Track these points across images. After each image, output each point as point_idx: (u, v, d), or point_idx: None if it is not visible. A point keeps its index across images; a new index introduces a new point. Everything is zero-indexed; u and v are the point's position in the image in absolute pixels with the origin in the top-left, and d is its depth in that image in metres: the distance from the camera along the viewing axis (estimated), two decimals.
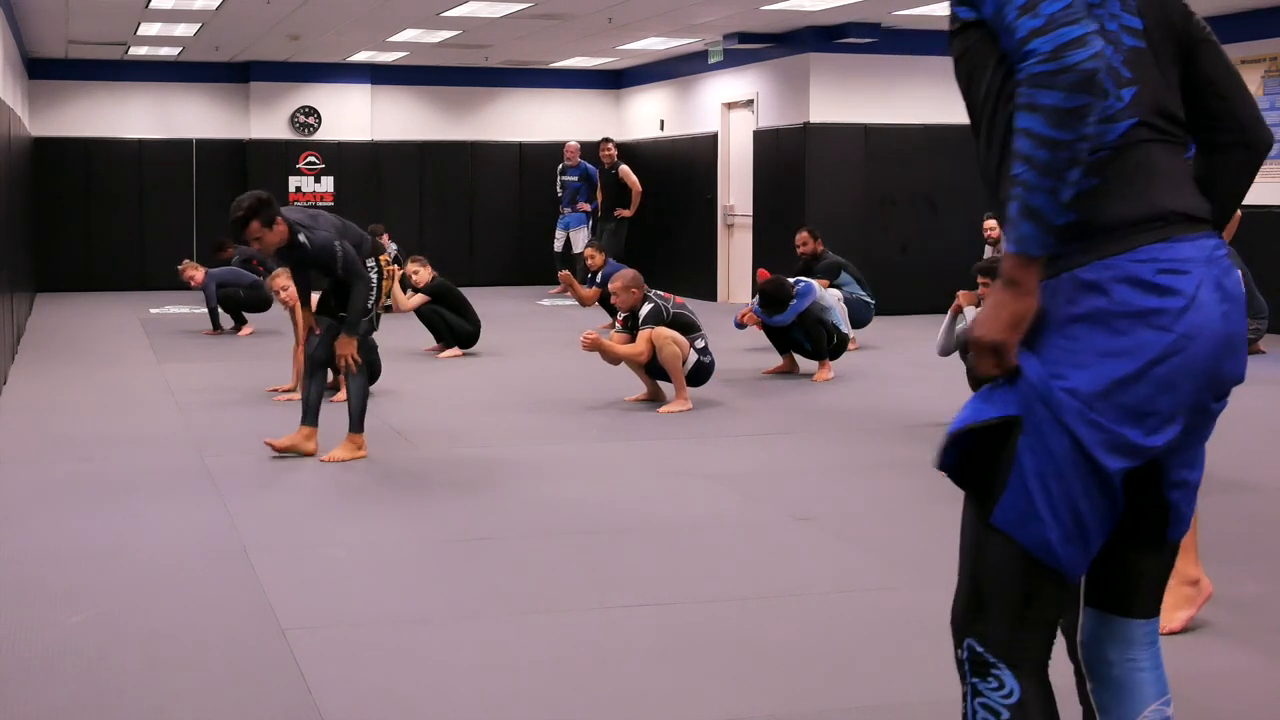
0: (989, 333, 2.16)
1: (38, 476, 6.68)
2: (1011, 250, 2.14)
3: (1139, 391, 2.15)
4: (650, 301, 8.65)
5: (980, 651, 2.30)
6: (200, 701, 3.75)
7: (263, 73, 18.23)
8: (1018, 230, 2.12)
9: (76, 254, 17.89)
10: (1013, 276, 2.14)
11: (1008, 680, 2.26)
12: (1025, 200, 2.11)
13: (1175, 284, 2.15)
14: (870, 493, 6.43)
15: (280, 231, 6.64)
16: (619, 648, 4.22)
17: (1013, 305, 2.15)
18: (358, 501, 6.20)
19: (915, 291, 14.58)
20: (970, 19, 2.28)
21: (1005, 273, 2.15)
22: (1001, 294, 2.16)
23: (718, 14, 13.82)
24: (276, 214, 6.63)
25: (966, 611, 2.33)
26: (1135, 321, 2.14)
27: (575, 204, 17.12)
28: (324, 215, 6.96)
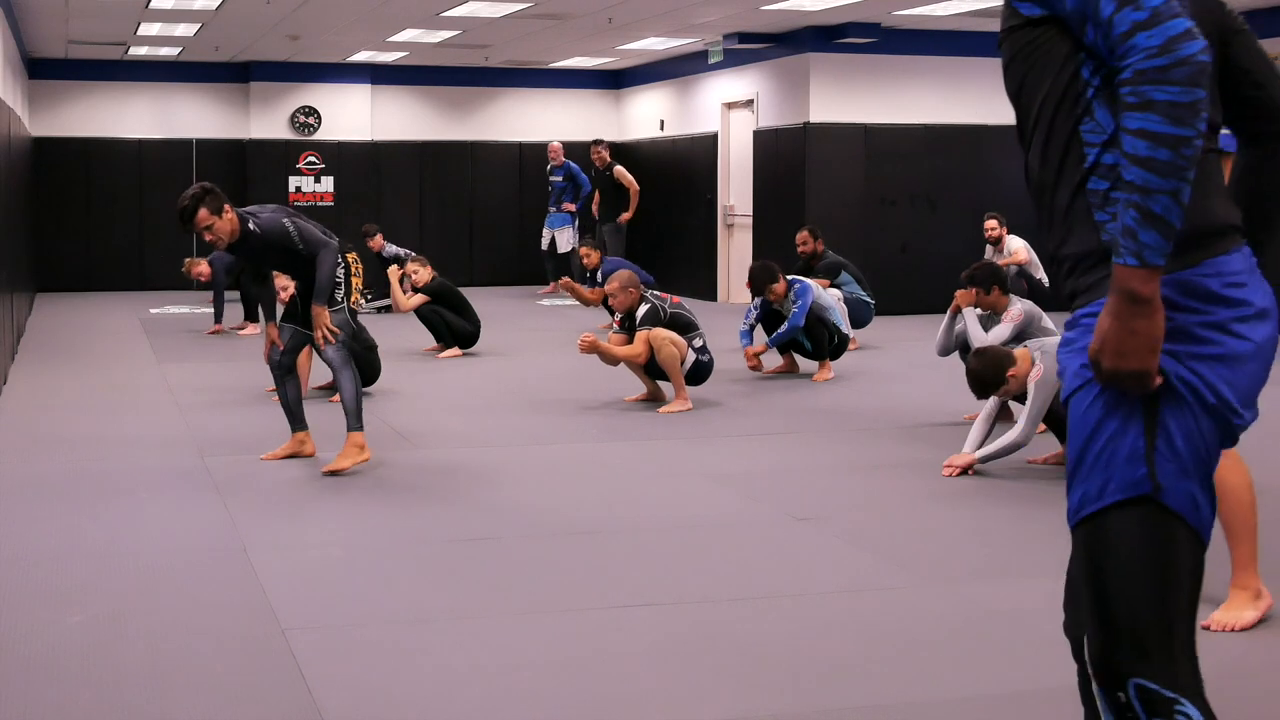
0: (1128, 363, 2.04)
1: (38, 476, 6.68)
2: (1132, 264, 2.00)
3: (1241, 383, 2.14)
4: (647, 302, 8.66)
5: (1154, 689, 2.11)
6: (200, 701, 3.75)
7: (263, 73, 18.23)
8: (1138, 240, 2.00)
9: (76, 254, 17.89)
10: (1139, 292, 2.01)
11: (1193, 713, 2.11)
12: (1145, 205, 1.99)
13: (1242, 295, 2.14)
14: (870, 493, 6.43)
15: (230, 219, 6.56)
16: (619, 648, 4.22)
17: (1145, 326, 2.02)
18: (358, 501, 6.20)
19: (915, 291, 14.59)
20: (1036, 15, 2.18)
21: (1128, 290, 2.01)
22: (1128, 315, 2.02)
23: (718, 14, 13.82)
24: (224, 203, 6.57)
25: (1127, 650, 2.14)
26: (1217, 332, 2.12)
27: (560, 204, 17.10)
28: (275, 206, 6.86)
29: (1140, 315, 2.02)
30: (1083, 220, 2.16)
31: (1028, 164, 2.25)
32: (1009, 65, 2.25)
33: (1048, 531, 5.64)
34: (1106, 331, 2.05)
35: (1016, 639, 4.29)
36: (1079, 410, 2.18)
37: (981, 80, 15.12)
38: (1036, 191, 2.24)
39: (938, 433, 7.80)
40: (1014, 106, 2.28)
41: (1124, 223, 2.01)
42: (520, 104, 19.31)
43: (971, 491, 6.36)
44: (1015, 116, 2.30)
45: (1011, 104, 2.29)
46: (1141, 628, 2.12)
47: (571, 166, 17.09)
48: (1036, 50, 2.19)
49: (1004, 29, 2.25)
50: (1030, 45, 2.20)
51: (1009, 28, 2.23)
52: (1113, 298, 2.04)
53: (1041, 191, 2.22)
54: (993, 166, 15.09)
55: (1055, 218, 2.18)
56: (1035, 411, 6.32)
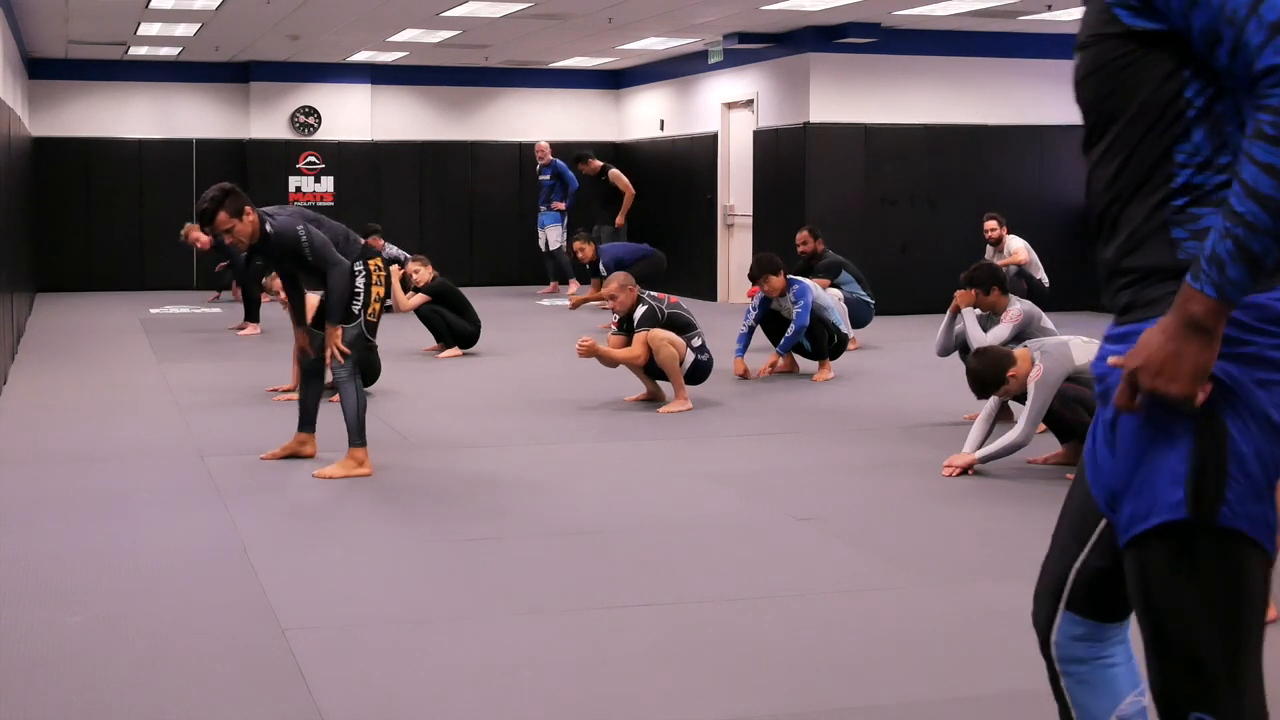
0: (1169, 386, 1.97)
1: (37, 476, 6.68)
2: (1210, 294, 1.92)
3: None
4: (645, 303, 8.66)
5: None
6: (200, 701, 3.75)
7: (263, 73, 18.23)
8: (1225, 273, 1.91)
9: (76, 254, 17.89)
10: (1204, 323, 1.94)
11: None
12: (1245, 241, 1.90)
13: None
14: (870, 493, 6.43)
15: (250, 221, 6.49)
16: (619, 648, 4.22)
17: (1198, 356, 1.95)
18: (358, 502, 6.20)
19: (915, 291, 14.59)
20: (1140, 28, 2.07)
21: (1194, 317, 1.94)
22: (1183, 339, 1.95)
23: (718, 14, 13.82)
24: (245, 204, 6.49)
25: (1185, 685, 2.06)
26: None
27: (550, 202, 17.09)
28: (294, 209, 6.73)
29: (1198, 343, 1.95)
30: (1158, 235, 2.08)
31: (1096, 171, 2.15)
32: (1093, 73, 2.13)
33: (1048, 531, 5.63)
34: (1154, 349, 1.97)
35: (1017, 639, 4.27)
36: (1132, 426, 2.09)
37: (981, 80, 15.13)
38: (1106, 200, 2.15)
39: (938, 433, 7.80)
40: (1085, 111, 2.18)
41: (1214, 249, 1.92)
42: (520, 104, 19.31)
43: (971, 491, 6.36)
44: (1085, 121, 2.19)
45: (1081, 108, 2.19)
46: (1206, 661, 2.05)
47: (559, 165, 17.07)
48: (1133, 64, 2.08)
49: (1092, 34, 2.13)
50: (1125, 57, 2.09)
51: (1100, 34, 2.11)
52: (1173, 318, 1.96)
53: (1112, 201, 2.13)
54: (993, 166, 15.09)
55: (1123, 229, 2.10)
56: (1035, 412, 6.32)
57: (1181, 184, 2.06)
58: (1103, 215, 2.15)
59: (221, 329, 13.23)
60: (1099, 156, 2.15)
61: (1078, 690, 2.35)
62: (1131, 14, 2.06)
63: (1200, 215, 2.05)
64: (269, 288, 12.47)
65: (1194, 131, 2.06)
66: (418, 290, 11.25)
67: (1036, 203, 15.10)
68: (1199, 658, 2.05)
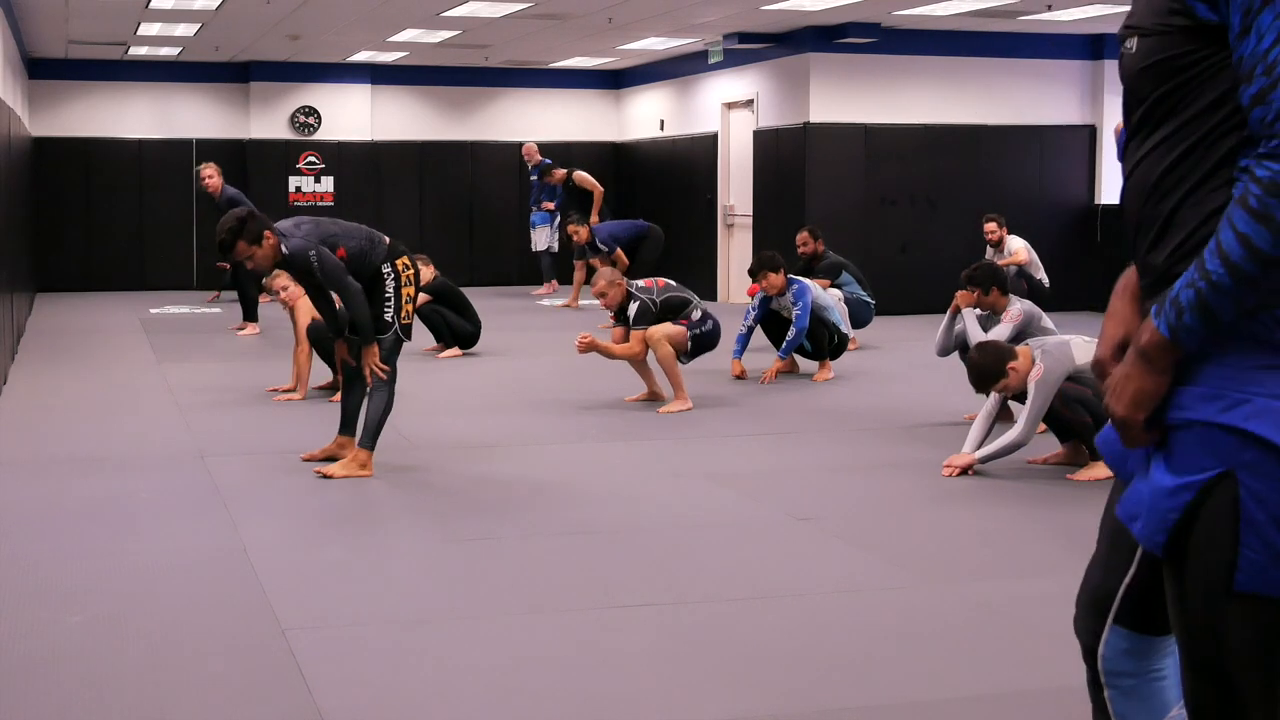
0: (1117, 404, 2.03)
1: (37, 476, 6.68)
2: (1162, 331, 1.96)
3: None
4: (636, 299, 8.63)
5: None
6: (200, 701, 3.75)
7: (263, 73, 18.23)
8: (1181, 319, 1.93)
9: (76, 254, 17.89)
10: (1150, 355, 1.98)
11: None
12: (1207, 297, 1.90)
13: None
14: (870, 493, 6.43)
15: (270, 245, 6.47)
16: (619, 648, 4.22)
17: (1141, 382, 2.00)
18: (358, 501, 6.20)
19: (915, 291, 14.59)
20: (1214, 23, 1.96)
21: (1142, 346, 1.98)
22: (1132, 363, 2.01)
23: (718, 14, 13.82)
24: (263, 229, 6.46)
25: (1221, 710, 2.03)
26: None
27: (540, 203, 17.09)
28: (310, 222, 6.64)
29: (1143, 370, 1.99)
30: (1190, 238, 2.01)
31: (1143, 163, 2.07)
32: (1156, 64, 2.02)
33: (1048, 531, 5.65)
34: (1116, 371, 2.04)
35: (1017, 639, 4.29)
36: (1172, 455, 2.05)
37: (981, 80, 15.13)
38: (1149, 196, 2.06)
39: (938, 433, 7.80)
40: (1137, 99, 2.07)
41: (1178, 293, 1.93)
42: (520, 104, 19.31)
43: (971, 491, 6.36)
44: (1134, 106, 2.09)
45: (1133, 93, 2.09)
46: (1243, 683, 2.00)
47: (547, 164, 17.08)
48: (1206, 60, 1.98)
49: (1158, 22, 2.01)
50: (1195, 53, 1.98)
51: (1166, 25, 2.00)
52: (1132, 345, 2.01)
53: (1162, 199, 2.04)
54: (993, 166, 15.09)
55: (1176, 232, 2.02)
56: (1035, 411, 6.32)
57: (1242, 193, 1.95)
58: (1149, 212, 2.06)
59: (221, 329, 13.23)
60: (1152, 148, 2.06)
61: (1122, 702, 2.31)
62: (1208, 7, 1.96)
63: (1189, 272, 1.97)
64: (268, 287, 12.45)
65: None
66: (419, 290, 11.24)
67: (1036, 203, 15.10)
68: (1231, 673, 2.01)
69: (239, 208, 6.65)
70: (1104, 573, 2.30)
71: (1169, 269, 2.03)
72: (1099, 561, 2.33)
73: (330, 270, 6.43)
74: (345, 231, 6.64)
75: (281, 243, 6.49)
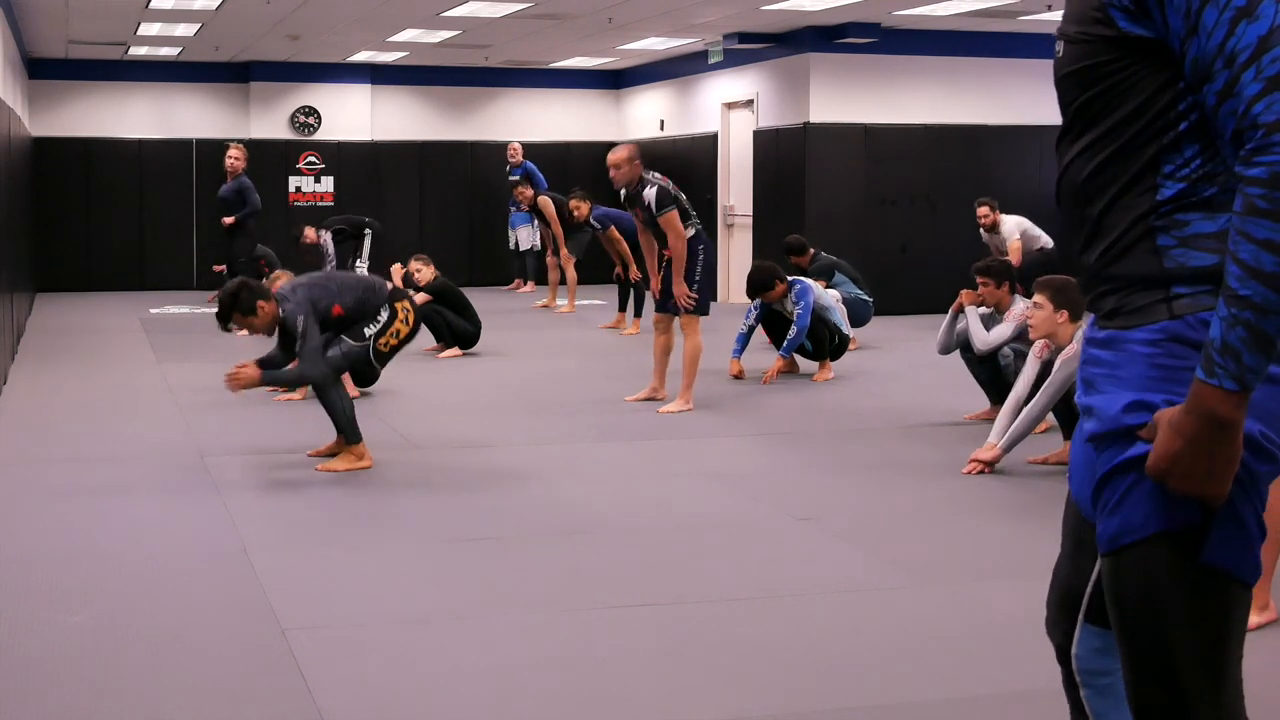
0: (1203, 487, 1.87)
1: (37, 476, 6.68)
2: (1231, 388, 1.82)
3: None
4: (653, 183, 8.55)
5: None
6: (200, 701, 3.75)
7: (263, 73, 18.23)
8: (1241, 362, 1.81)
9: (76, 254, 17.89)
10: (1229, 418, 1.83)
11: None
12: (1259, 326, 1.80)
13: None
14: (870, 493, 6.43)
15: (266, 311, 6.63)
16: (619, 648, 4.22)
17: (1228, 452, 1.85)
18: (358, 501, 6.20)
19: (915, 291, 14.58)
20: (1134, 34, 1.96)
21: (1216, 414, 1.83)
22: (1210, 440, 1.84)
23: (718, 14, 13.82)
24: (255, 300, 6.61)
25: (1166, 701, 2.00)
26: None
27: (520, 204, 17.06)
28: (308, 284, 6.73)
29: (1225, 441, 1.85)
30: (1142, 244, 2.01)
31: (1072, 166, 2.08)
32: (1082, 70, 2.03)
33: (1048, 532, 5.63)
34: (1178, 454, 1.86)
35: (1016, 639, 4.28)
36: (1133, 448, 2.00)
37: (981, 80, 15.13)
38: (1077, 198, 2.07)
39: (938, 433, 7.80)
40: (1067, 108, 2.09)
41: (1224, 339, 1.82)
42: (520, 104, 19.31)
43: (972, 491, 6.36)
44: (1066, 118, 2.10)
45: (1061, 96, 2.11)
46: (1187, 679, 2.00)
47: (529, 166, 17.10)
48: (1126, 69, 1.98)
49: (1082, 31, 2.02)
50: (1117, 62, 1.99)
51: (1090, 34, 2.01)
52: (1190, 419, 1.85)
53: (1087, 201, 2.05)
54: (993, 166, 15.09)
55: (1104, 236, 2.04)
56: (1056, 388, 6.33)
57: (1169, 196, 1.98)
58: (1079, 214, 2.08)
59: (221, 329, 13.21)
60: (1079, 151, 2.07)
61: (1099, 701, 2.30)
62: (1128, 19, 1.96)
63: (1188, 222, 1.97)
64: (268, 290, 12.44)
65: (1184, 145, 1.97)
66: (419, 289, 11.25)
67: (1036, 202, 15.05)
68: (1184, 680, 1.99)
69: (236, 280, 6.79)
70: (1071, 572, 2.30)
71: (1101, 270, 2.05)
72: (1065, 560, 2.32)
73: (306, 347, 6.57)
74: (343, 287, 6.79)
75: (280, 306, 6.65)
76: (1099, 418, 2.04)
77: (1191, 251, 1.96)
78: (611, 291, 14.11)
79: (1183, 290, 1.96)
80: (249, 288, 6.69)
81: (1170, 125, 1.97)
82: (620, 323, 13.29)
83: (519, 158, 17.25)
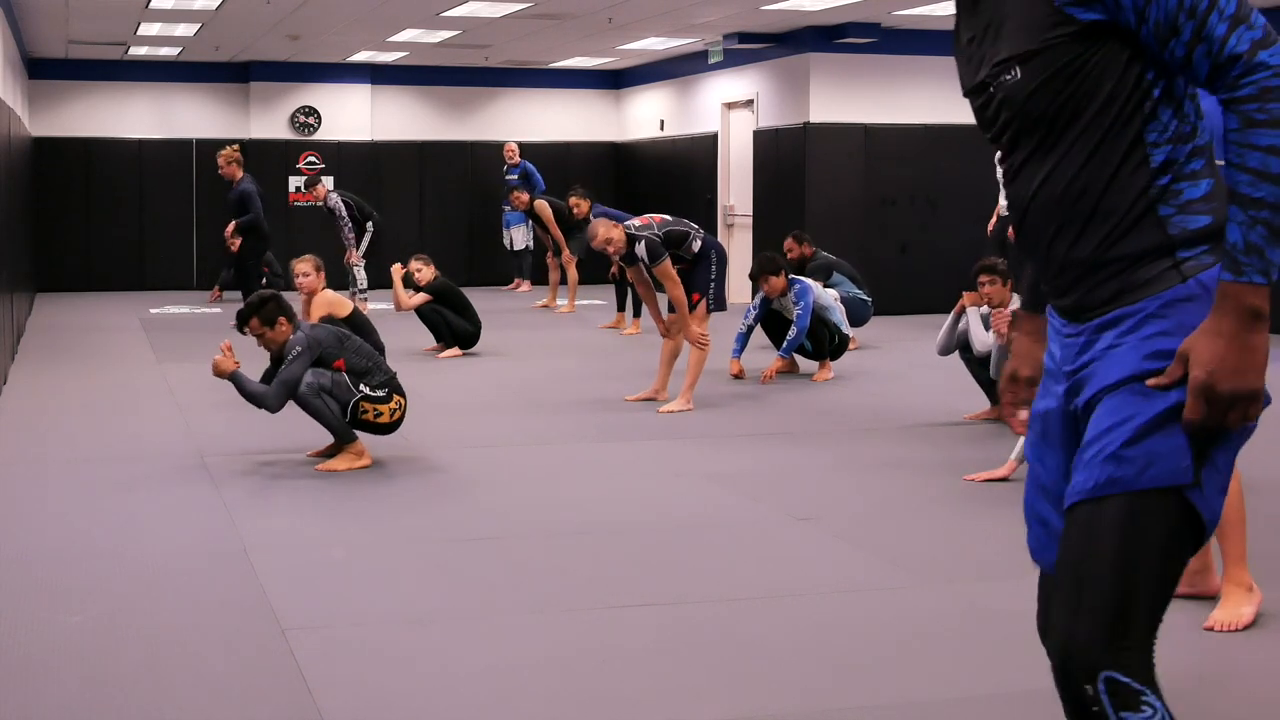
0: (1248, 381, 2.01)
1: (37, 476, 6.68)
2: (1259, 281, 1.98)
3: None
4: (639, 239, 8.54)
5: (1125, 682, 2.06)
6: (200, 701, 3.75)
7: (263, 73, 18.23)
8: (1266, 257, 1.98)
9: (76, 254, 17.89)
10: (1262, 309, 2.00)
11: (1158, 705, 2.07)
12: (1275, 222, 1.98)
13: None
14: (870, 493, 6.43)
15: (283, 331, 6.76)
16: (619, 648, 4.22)
17: (1263, 342, 2.01)
18: (358, 501, 6.20)
19: (915, 291, 14.59)
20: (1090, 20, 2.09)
21: (1252, 306, 1.99)
22: (1248, 332, 2.00)
23: (718, 14, 13.82)
24: (278, 315, 6.74)
25: (1106, 639, 2.08)
26: None
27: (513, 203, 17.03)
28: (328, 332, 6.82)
29: (1261, 331, 2.00)
30: (1146, 218, 2.13)
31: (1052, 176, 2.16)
32: (1047, 80, 2.13)
33: None
34: (1222, 353, 2.00)
35: (1016, 639, 4.27)
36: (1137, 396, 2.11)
37: None
38: (1073, 197, 2.15)
39: (938, 433, 7.80)
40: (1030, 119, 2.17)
41: (1247, 239, 1.98)
42: (520, 104, 19.31)
43: (971, 491, 6.36)
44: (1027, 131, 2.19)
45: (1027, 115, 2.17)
46: (1134, 619, 2.09)
47: (527, 166, 17.10)
48: (1094, 57, 2.11)
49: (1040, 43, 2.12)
50: (1081, 56, 2.11)
51: (1049, 41, 2.11)
52: (1227, 318, 2.00)
53: (1081, 196, 2.14)
54: (993, 167, 15.07)
55: (1102, 221, 2.13)
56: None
57: (1161, 162, 2.12)
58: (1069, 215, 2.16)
59: (222, 329, 13.22)
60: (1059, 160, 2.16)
61: None
62: (1082, 9, 2.09)
63: (1180, 190, 2.13)
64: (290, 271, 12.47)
65: (1160, 110, 2.12)
66: (419, 289, 11.25)
67: None
68: (1132, 620, 2.07)
69: (267, 290, 6.87)
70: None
71: (1103, 254, 2.15)
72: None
73: (288, 373, 6.62)
74: (358, 352, 6.87)
75: (294, 332, 6.76)
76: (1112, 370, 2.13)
77: (1189, 216, 2.12)
78: (611, 291, 14.11)
79: (1186, 254, 2.11)
80: (279, 303, 6.82)
81: (1146, 94, 2.11)
82: (620, 323, 13.29)
83: (516, 158, 17.26)
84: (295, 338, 6.74)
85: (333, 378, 6.71)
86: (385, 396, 6.84)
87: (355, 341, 6.95)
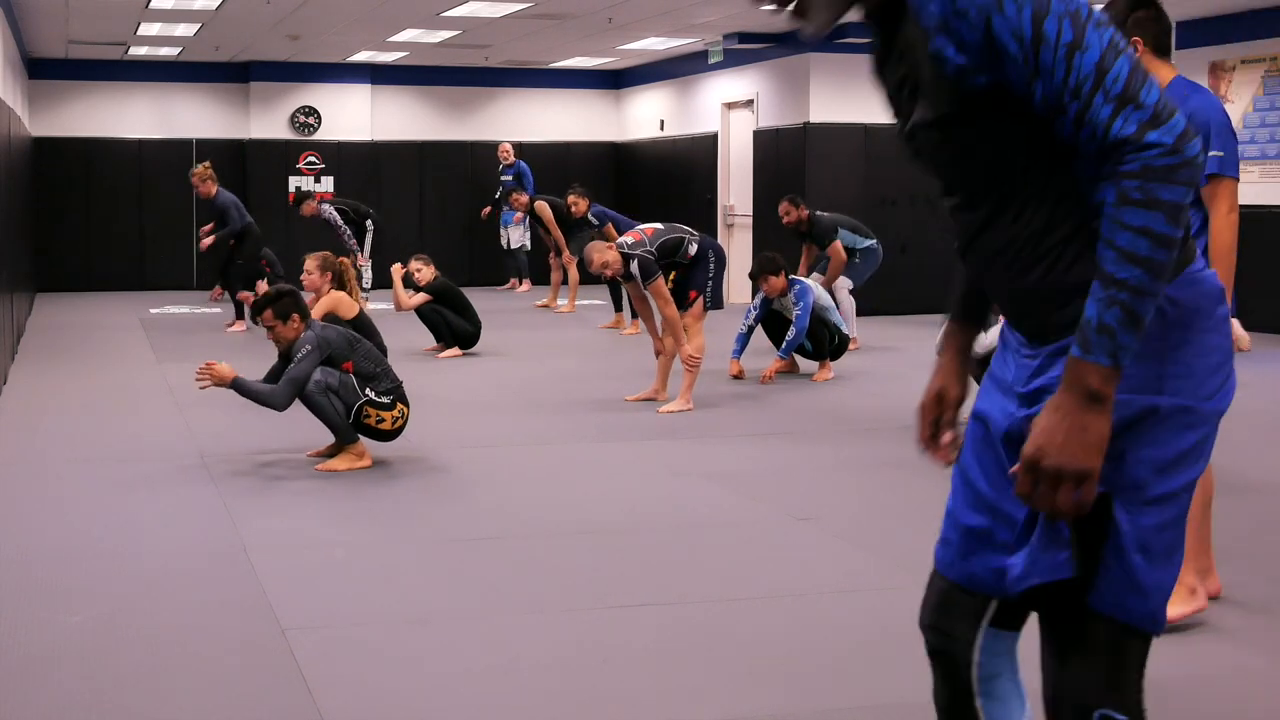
0: (1075, 460, 1.94)
1: (37, 476, 6.68)
2: (1105, 364, 1.91)
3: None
4: (632, 258, 8.55)
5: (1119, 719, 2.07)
6: (200, 701, 3.75)
7: (263, 73, 18.24)
8: (1117, 340, 1.91)
9: (76, 254, 17.90)
10: (1102, 391, 1.92)
11: None
12: (1133, 307, 1.90)
13: None
14: (870, 493, 6.43)
15: (294, 328, 6.79)
16: (619, 648, 4.22)
17: (1100, 425, 1.94)
18: (358, 501, 6.20)
19: (915, 291, 14.59)
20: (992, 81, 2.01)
21: (1091, 388, 1.92)
22: (1082, 412, 1.93)
23: (718, 14, 13.82)
24: (292, 311, 6.78)
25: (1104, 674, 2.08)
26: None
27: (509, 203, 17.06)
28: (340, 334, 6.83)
29: (1098, 413, 1.93)
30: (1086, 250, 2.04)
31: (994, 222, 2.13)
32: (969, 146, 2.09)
33: None
34: (1053, 428, 1.94)
35: None
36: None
37: None
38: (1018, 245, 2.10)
39: None
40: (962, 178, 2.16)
41: (1101, 319, 1.91)
42: (520, 104, 19.31)
43: None
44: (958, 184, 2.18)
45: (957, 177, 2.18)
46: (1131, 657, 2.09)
47: (521, 166, 17.12)
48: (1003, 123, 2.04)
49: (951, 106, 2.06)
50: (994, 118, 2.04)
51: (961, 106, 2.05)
52: (1067, 394, 1.94)
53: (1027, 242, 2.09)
54: None
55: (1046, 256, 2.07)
56: None
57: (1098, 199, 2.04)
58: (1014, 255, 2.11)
59: (222, 329, 13.24)
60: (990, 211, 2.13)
61: (993, 707, 2.33)
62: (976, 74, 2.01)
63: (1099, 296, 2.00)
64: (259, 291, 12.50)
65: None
66: (419, 289, 11.25)
67: None
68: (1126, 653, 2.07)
69: (283, 284, 6.89)
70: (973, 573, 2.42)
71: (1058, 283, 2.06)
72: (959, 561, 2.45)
73: (295, 371, 6.65)
74: (367, 356, 6.88)
75: (305, 330, 6.78)
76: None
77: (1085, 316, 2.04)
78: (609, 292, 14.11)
79: None
80: (296, 300, 6.84)
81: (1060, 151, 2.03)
82: (620, 322, 13.29)
83: (511, 158, 17.26)
84: (305, 336, 6.74)
85: (340, 379, 6.72)
86: (390, 404, 6.85)
87: (365, 346, 6.95)
